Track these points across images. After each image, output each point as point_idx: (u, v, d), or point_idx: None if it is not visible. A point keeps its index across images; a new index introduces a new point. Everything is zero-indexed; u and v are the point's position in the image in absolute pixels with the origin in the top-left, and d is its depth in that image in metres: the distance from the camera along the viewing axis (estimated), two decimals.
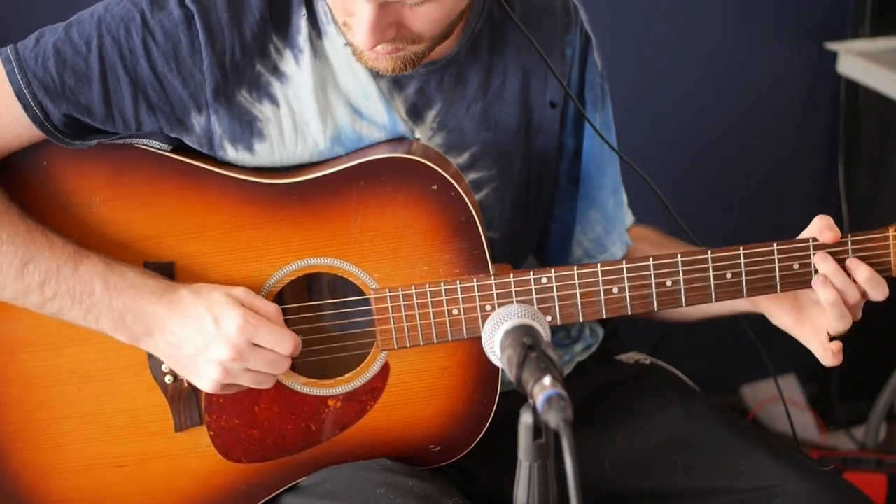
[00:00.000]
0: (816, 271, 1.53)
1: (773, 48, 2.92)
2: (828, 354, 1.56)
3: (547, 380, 1.12)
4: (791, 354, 1.64)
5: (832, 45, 2.90)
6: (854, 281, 1.52)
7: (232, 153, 1.56)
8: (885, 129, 3.01)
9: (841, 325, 1.54)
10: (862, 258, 1.53)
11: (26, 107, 1.50)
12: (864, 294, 1.54)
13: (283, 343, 1.51)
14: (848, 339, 3.28)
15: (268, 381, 1.55)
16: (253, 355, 1.51)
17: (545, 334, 1.24)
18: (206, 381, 1.53)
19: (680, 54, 2.85)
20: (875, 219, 3.07)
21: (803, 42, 2.93)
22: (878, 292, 1.53)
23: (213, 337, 1.49)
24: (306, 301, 1.62)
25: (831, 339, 1.57)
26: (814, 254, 1.52)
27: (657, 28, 2.81)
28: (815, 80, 2.97)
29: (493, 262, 1.56)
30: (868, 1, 2.88)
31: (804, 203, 3.08)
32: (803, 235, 1.55)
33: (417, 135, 1.62)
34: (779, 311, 1.61)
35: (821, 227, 1.53)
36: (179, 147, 1.56)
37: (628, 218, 1.83)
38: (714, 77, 2.89)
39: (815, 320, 1.58)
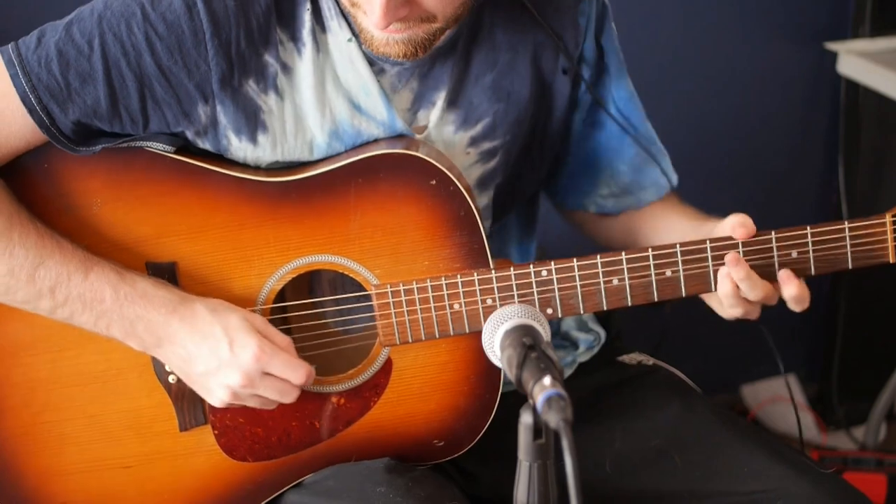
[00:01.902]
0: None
1: (773, 48, 2.92)
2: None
3: (547, 380, 1.12)
4: (791, 354, 1.65)
5: (832, 45, 2.90)
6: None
7: (235, 143, 1.56)
8: (885, 129, 3.01)
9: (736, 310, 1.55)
10: (859, 245, 1.53)
11: (31, 111, 1.49)
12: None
13: (296, 373, 1.51)
14: (848, 340, 3.29)
15: (273, 405, 1.56)
16: (263, 383, 1.51)
17: (545, 334, 1.24)
18: (214, 399, 1.54)
19: (680, 54, 2.85)
20: None
21: (803, 42, 2.93)
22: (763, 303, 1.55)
23: (226, 361, 1.50)
24: (308, 298, 1.63)
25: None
26: (812, 242, 1.52)
27: (657, 28, 2.82)
28: (815, 80, 2.97)
29: (493, 256, 1.56)
30: (868, 1, 2.88)
31: (804, 203, 3.08)
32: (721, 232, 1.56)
33: (423, 120, 1.62)
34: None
35: (734, 224, 1.55)
36: (182, 148, 1.56)
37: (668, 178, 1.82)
38: (714, 77, 2.90)
39: None
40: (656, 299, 1.54)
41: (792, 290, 1.53)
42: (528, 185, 1.78)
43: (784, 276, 1.54)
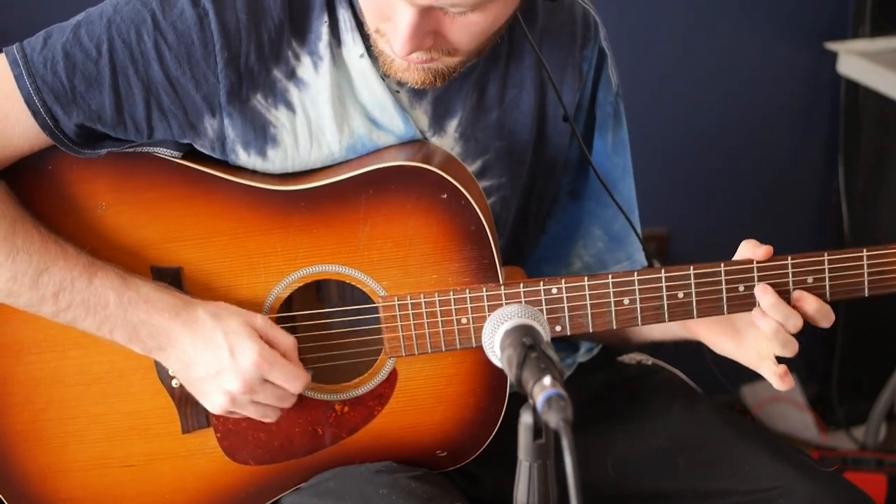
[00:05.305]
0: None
1: (773, 48, 2.93)
2: (776, 379, 1.53)
3: (547, 380, 1.11)
4: None
5: (832, 45, 2.91)
6: (799, 310, 1.50)
7: (244, 157, 1.55)
8: (885, 129, 3.02)
9: (787, 351, 1.51)
10: (877, 273, 1.51)
11: (36, 114, 1.48)
12: (812, 322, 1.52)
13: (294, 382, 1.51)
14: (848, 339, 3.30)
15: (272, 416, 1.56)
16: (262, 390, 1.51)
17: (545, 334, 1.24)
18: (213, 405, 1.54)
19: (680, 55, 2.86)
20: (875, 219, 3.08)
21: (803, 42, 2.94)
22: (826, 321, 1.51)
23: (226, 366, 1.50)
24: (315, 305, 1.63)
25: (778, 360, 1.54)
26: (828, 269, 1.50)
27: (657, 28, 2.82)
28: (815, 80, 2.98)
29: (503, 267, 1.56)
30: (868, 1, 2.89)
31: (804, 203, 3.09)
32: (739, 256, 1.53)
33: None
34: (717, 338, 1.60)
35: (749, 247, 1.51)
36: (189, 153, 1.56)
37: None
38: (714, 77, 2.90)
39: (758, 344, 1.54)
40: (667, 321, 1.53)
41: (813, 305, 1.50)
42: (527, 251, 1.77)
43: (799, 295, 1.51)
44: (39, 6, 1.87)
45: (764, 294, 1.50)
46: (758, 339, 1.54)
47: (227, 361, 1.50)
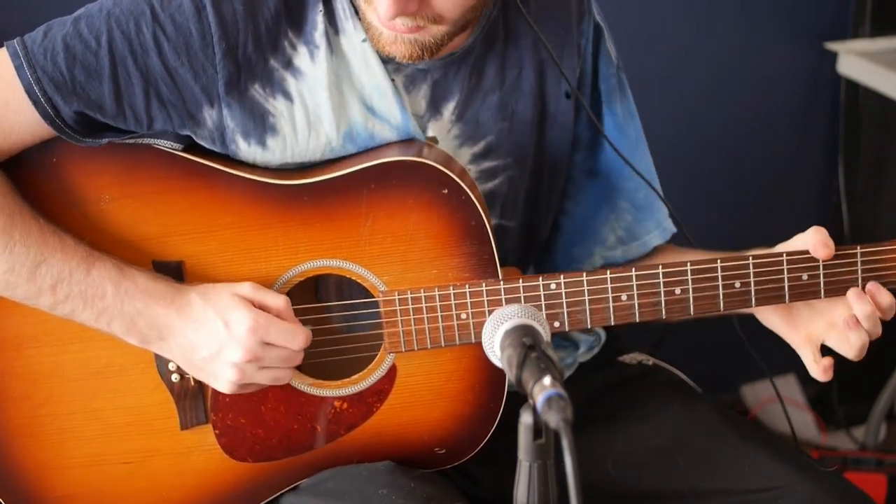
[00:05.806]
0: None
1: (773, 48, 2.92)
2: (819, 369, 1.55)
3: (547, 380, 1.12)
4: (791, 354, 1.66)
5: (832, 45, 2.90)
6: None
7: (244, 147, 1.56)
8: (885, 129, 3.02)
9: (852, 352, 1.56)
10: (871, 269, 1.53)
11: (36, 103, 1.49)
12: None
13: (294, 338, 1.52)
14: None
15: (284, 377, 1.56)
16: (266, 353, 1.51)
17: (545, 334, 1.24)
18: (224, 382, 1.54)
19: (680, 55, 2.85)
20: (875, 219, 3.08)
21: (803, 42, 2.93)
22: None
23: (225, 340, 1.50)
24: (313, 301, 1.63)
25: (823, 352, 1.56)
26: (822, 265, 1.52)
27: (657, 28, 2.82)
28: (815, 80, 2.98)
29: (501, 266, 1.56)
30: (868, 1, 2.89)
31: (804, 203, 3.08)
32: (797, 245, 1.54)
33: (431, 131, 1.62)
34: (768, 311, 1.61)
35: (815, 244, 1.52)
36: (190, 146, 1.56)
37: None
38: (714, 77, 2.90)
39: (809, 327, 1.57)
40: (664, 317, 1.54)
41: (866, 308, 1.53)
42: (543, 233, 1.77)
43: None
44: (39, 5, 1.87)
45: (860, 303, 1.53)
46: (811, 320, 1.56)
47: (224, 335, 1.50)
